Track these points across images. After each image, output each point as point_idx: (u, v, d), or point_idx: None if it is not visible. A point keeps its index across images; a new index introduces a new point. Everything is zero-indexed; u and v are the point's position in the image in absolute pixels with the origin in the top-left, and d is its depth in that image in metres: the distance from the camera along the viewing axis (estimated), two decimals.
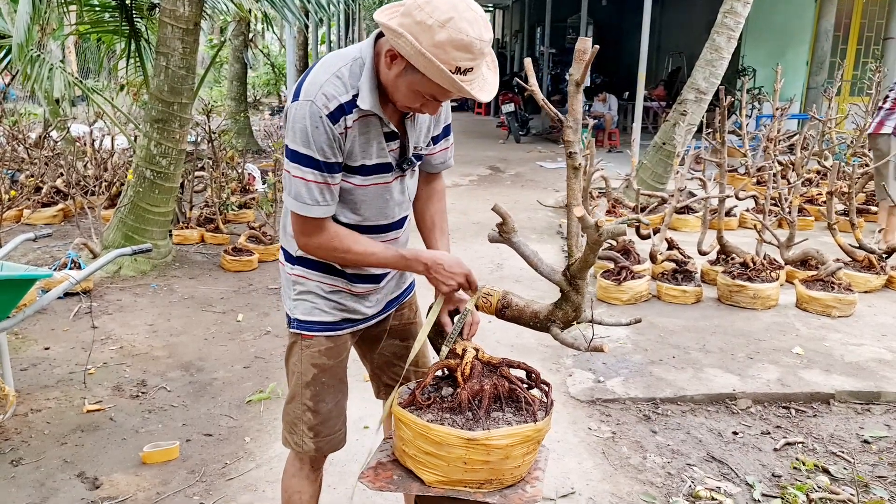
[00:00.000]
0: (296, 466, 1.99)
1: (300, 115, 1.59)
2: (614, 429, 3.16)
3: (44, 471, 2.77)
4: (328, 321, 1.87)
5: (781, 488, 2.70)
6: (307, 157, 1.61)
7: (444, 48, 1.49)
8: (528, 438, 1.72)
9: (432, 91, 1.59)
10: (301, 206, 1.66)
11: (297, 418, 1.91)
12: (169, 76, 5.00)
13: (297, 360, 1.88)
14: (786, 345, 3.96)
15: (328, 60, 1.65)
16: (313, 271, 1.84)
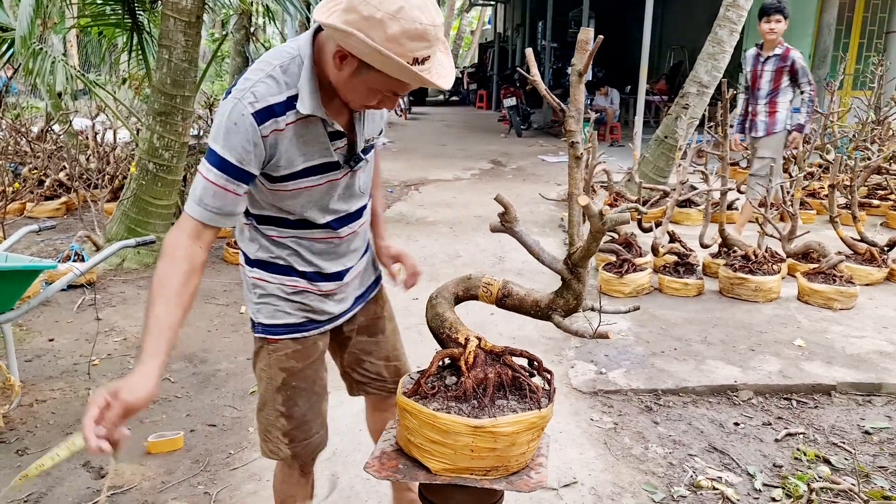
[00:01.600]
0: (284, 472, 1.95)
1: (223, 112, 1.51)
2: (616, 420, 3.18)
3: None
4: (293, 323, 1.81)
5: (782, 478, 2.72)
6: (218, 156, 1.51)
7: (398, 41, 1.40)
8: (533, 425, 1.73)
9: (391, 87, 1.51)
10: (190, 205, 1.54)
11: (270, 425, 1.85)
12: (171, 69, 5.01)
13: (264, 365, 1.82)
14: (787, 337, 3.97)
15: (265, 58, 1.56)
16: (272, 274, 1.77)
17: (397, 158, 11.15)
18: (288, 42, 1.59)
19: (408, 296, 4.78)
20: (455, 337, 1.92)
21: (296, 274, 1.78)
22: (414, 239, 6.25)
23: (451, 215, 7.26)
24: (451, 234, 6.40)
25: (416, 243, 6.11)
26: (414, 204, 7.86)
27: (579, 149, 1.77)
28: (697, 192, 6.49)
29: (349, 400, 3.28)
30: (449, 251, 5.86)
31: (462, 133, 15.07)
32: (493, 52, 21.79)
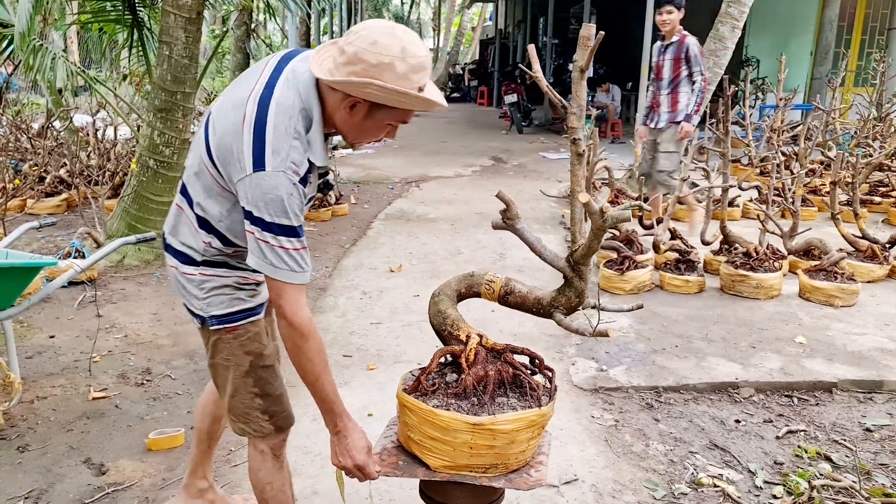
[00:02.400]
0: (258, 461, 2.00)
1: (272, 187, 1.58)
2: (617, 417, 3.18)
3: (50, 457, 2.79)
4: (249, 307, 1.88)
5: (783, 475, 2.72)
6: (289, 227, 1.62)
7: (407, 77, 1.57)
8: (533, 423, 1.73)
9: (401, 117, 1.69)
10: (296, 276, 1.66)
11: (247, 408, 1.92)
12: (172, 65, 5.00)
13: (227, 354, 1.88)
14: (788, 334, 3.97)
15: (279, 119, 1.60)
16: (222, 269, 1.84)
17: (398, 155, 11.14)
18: (286, 93, 1.63)
19: (409, 293, 4.81)
20: (456, 334, 1.92)
21: (241, 269, 1.87)
22: (415, 236, 6.25)
23: (451, 212, 7.26)
24: (451, 231, 6.40)
25: (416, 240, 6.11)
26: (415, 201, 7.85)
27: (581, 146, 1.77)
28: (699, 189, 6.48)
29: (351, 395, 3.30)
30: (450, 248, 5.86)
31: (463, 130, 15.05)
32: (494, 48, 21.75)
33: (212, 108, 1.77)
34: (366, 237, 6.29)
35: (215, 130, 1.69)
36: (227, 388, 1.92)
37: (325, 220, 6.81)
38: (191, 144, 1.89)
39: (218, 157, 1.68)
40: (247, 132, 1.60)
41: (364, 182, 8.82)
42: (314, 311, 4.44)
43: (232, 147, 1.63)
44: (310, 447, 2.88)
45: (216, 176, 1.71)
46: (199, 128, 1.79)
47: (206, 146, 1.71)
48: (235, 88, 1.73)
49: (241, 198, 1.63)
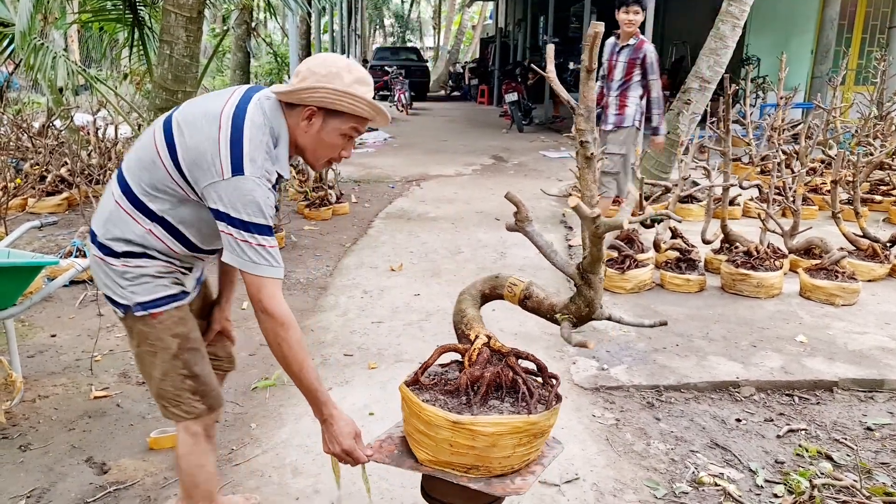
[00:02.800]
0: (189, 443, 2.06)
1: (250, 190, 1.75)
2: (618, 416, 3.18)
3: (52, 456, 2.79)
4: (172, 293, 1.97)
5: (784, 474, 2.72)
6: (265, 226, 1.79)
7: (354, 86, 1.83)
8: (518, 430, 1.71)
9: (355, 124, 1.89)
10: (275, 270, 1.82)
11: (178, 391, 2.00)
12: (173, 65, 5.01)
13: (153, 339, 1.96)
14: (789, 333, 3.97)
15: (254, 134, 1.79)
16: (143, 259, 1.92)
17: (398, 154, 11.14)
18: (257, 114, 1.83)
19: (410, 291, 4.81)
20: (468, 333, 1.93)
21: (171, 256, 1.97)
22: (415, 235, 6.25)
23: (452, 211, 7.25)
24: (452, 230, 6.40)
25: (417, 239, 6.11)
26: (415, 199, 7.85)
27: (590, 148, 1.76)
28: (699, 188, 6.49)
29: (352, 394, 3.30)
30: (450, 247, 5.86)
31: (463, 128, 15.05)
32: (494, 47, 21.75)
33: (175, 115, 1.89)
34: (366, 236, 6.29)
35: (184, 136, 1.81)
36: (155, 373, 1.99)
37: (326, 218, 6.81)
38: (137, 144, 1.96)
39: (185, 159, 1.81)
40: (223, 142, 1.76)
41: (364, 181, 8.82)
42: (315, 310, 4.45)
43: (206, 154, 1.77)
44: (311, 446, 2.88)
45: (174, 176, 1.83)
46: (154, 130, 1.90)
47: (168, 148, 1.83)
48: (203, 103, 1.89)
49: (213, 200, 1.78)
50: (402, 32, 40.89)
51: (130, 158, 1.94)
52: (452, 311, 2.00)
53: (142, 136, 1.98)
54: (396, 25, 41.58)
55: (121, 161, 2.12)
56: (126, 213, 1.90)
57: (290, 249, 5.75)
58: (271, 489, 2.62)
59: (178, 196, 1.87)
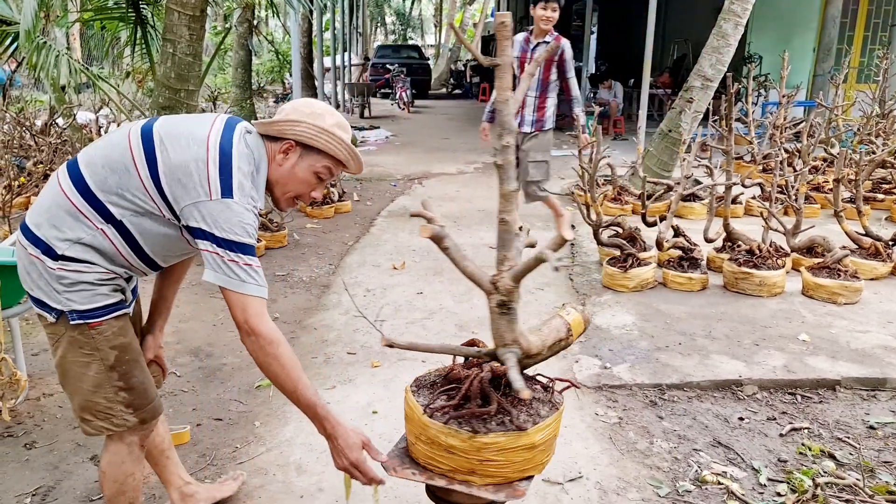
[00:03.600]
0: (122, 453, 1.99)
1: (239, 212, 1.77)
2: (621, 414, 3.19)
3: (57, 454, 2.80)
4: (112, 303, 1.88)
5: (787, 473, 2.72)
6: (251, 246, 1.79)
7: (334, 128, 1.92)
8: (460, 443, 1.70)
9: (329, 165, 1.95)
10: (261, 289, 1.81)
11: (110, 402, 1.91)
12: (176, 63, 5.01)
13: (90, 349, 1.86)
14: (792, 332, 3.97)
15: (241, 163, 1.81)
16: (83, 264, 1.82)
17: (399, 152, 11.15)
18: (242, 144, 1.84)
19: (412, 290, 4.82)
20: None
21: (115, 263, 1.89)
22: (418, 233, 6.25)
23: (454, 209, 7.26)
24: (454, 228, 6.40)
25: (419, 237, 6.11)
26: (417, 198, 7.85)
27: (504, 156, 1.75)
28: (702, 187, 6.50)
29: (356, 393, 3.31)
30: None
31: (465, 126, 15.04)
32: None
33: (156, 129, 1.84)
34: (369, 234, 6.30)
35: (167, 152, 1.79)
36: (84, 385, 1.89)
37: (329, 217, 6.82)
38: (107, 139, 1.90)
39: (166, 175, 1.78)
40: (212, 166, 1.77)
41: (366, 179, 8.82)
42: (318, 308, 4.45)
43: (192, 174, 1.76)
44: (314, 444, 2.89)
45: (148, 188, 1.80)
46: (129, 135, 1.85)
47: (148, 160, 1.79)
48: (187, 124, 1.87)
49: (195, 219, 1.76)
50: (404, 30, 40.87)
51: (94, 155, 1.85)
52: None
53: (110, 135, 1.92)
54: (398, 23, 41.55)
55: (65, 143, 2.04)
56: (76, 209, 1.80)
57: (292, 248, 5.76)
58: (276, 487, 2.63)
59: (144, 208, 1.82)
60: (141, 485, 2.08)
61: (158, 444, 2.32)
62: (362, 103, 16.26)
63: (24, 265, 1.86)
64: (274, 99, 19.84)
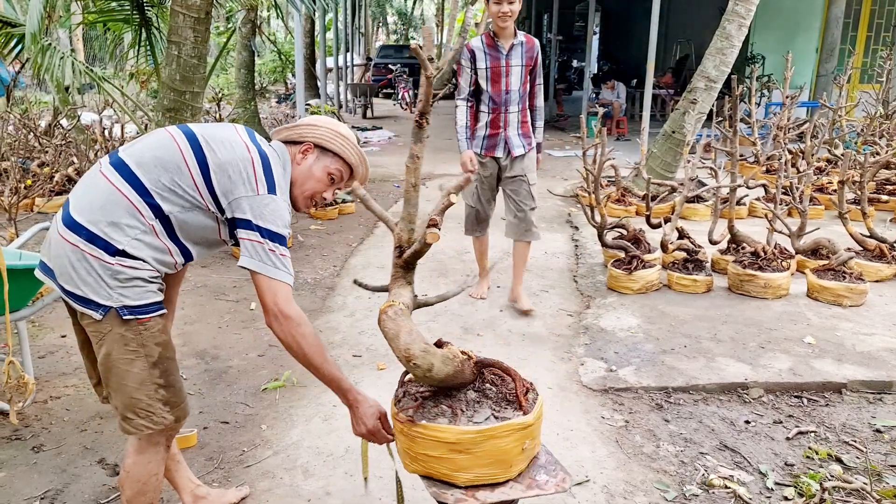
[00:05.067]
0: (149, 453, 2.05)
1: (279, 207, 1.96)
2: (627, 417, 3.19)
3: (65, 457, 2.81)
4: (158, 301, 1.97)
5: (794, 477, 2.72)
6: (285, 238, 1.97)
7: (348, 135, 2.18)
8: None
9: (341, 169, 2.16)
10: (291, 277, 1.98)
11: (151, 400, 1.97)
12: (181, 65, 5.01)
13: (136, 345, 1.93)
14: (797, 334, 3.97)
15: (276, 166, 2.01)
16: (140, 261, 1.91)
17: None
18: (272, 150, 2.06)
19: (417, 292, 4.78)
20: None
21: (160, 262, 1.98)
22: None
23: (458, 210, 7.23)
24: (458, 230, 6.35)
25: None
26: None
27: (414, 152, 2.04)
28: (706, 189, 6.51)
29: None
30: (457, 247, 5.87)
31: None
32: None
33: (198, 133, 2.00)
34: (373, 235, 6.31)
35: (215, 153, 1.95)
36: (130, 382, 1.95)
37: (333, 218, 6.82)
38: (151, 140, 2.01)
39: (217, 173, 1.94)
40: (257, 167, 1.96)
41: (369, 180, 8.79)
42: (323, 310, 4.46)
43: (241, 171, 1.94)
44: (321, 448, 2.90)
45: (199, 185, 1.94)
46: (174, 136, 1.99)
47: (198, 160, 1.94)
48: (220, 129, 2.05)
49: (242, 210, 1.92)
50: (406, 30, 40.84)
51: (143, 155, 1.95)
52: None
53: (151, 135, 2.05)
54: (400, 23, 41.54)
55: (114, 150, 2.11)
56: (133, 206, 1.89)
57: (297, 249, 5.76)
58: (283, 491, 2.64)
59: (192, 202, 1.95)
60: (161, 487, 2.12)
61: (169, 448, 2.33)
62: (365, 104, 16.26)
63: (70, 262, 1.88)
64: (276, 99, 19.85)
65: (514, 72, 4.20)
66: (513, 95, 4.23)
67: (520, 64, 4.20)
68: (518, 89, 4.24)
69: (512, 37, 4.19)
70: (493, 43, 4.20)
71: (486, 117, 4.31)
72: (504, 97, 4.23)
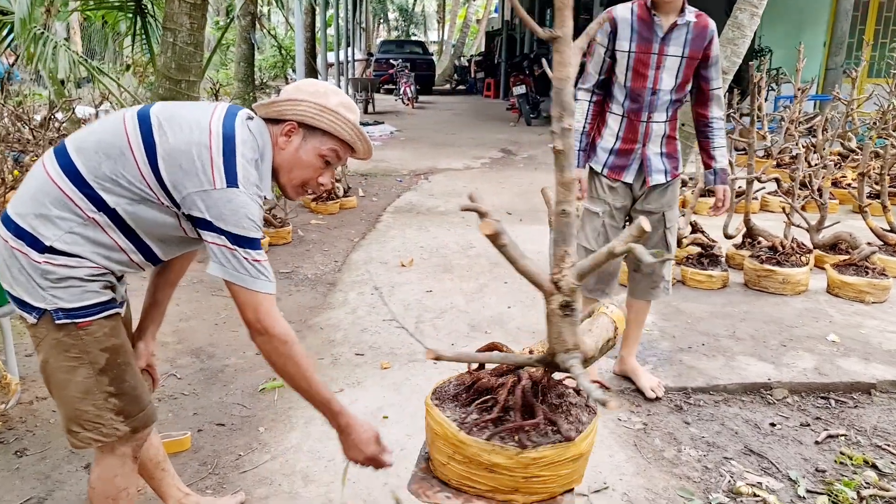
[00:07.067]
0: (114, 466, 1.82)
1: (243, 203, 1.64)
2: (645, 420, 3.01)
3: (49, 462, 2.64)
4: (103, 301, 1.71)
5: (827, 484, 2.55)
6: (257, 240, 1.68)
7: (338, 108, 1.77)
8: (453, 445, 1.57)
9: (335, 147, 1.80)
10: (270, 285, 1.71)
11: (101, 411, 1.73)
12: (176, 53, 4.84)
13: (77, 352, 1.69)
14: (820, 332, 3.80)
15: (245, 150, 1.69)
16: (74, 259, 1.66)
17: (405, 147, 10.98)
18: (245, 131, 1.73)
19: (421, 288, 4.65)
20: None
21: (98, 263, 1.71)
22: (425, 229, 6.09)
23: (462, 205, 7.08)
24: (463, 224, 6.22)
25: (427, 233, 5.95)
26: (424, 193, 7.69)
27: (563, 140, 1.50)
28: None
29: (364, 396, 3.15)
30: (462, 242, 5.69)
31: (470, 121, 14.87)
32: (500, 40, 21.57)
33: (154, 112, 1.72)
34: (375, 230, 6.13)
35: (166, 136, 1.66)
36: (72, 391, 1.72)
37: (334, 213, 6.65)
38: (100, 123, 1.76)
39: (166, 161, 1.65)
40: (215, 152, 1.64)
41: (372, 174, 8.65)
42: (324, 307, 4.29)
43: (194, 160, 1.64)
44: (322, 451, 2.73)
45: (146, 175, 1.66)
46: (125, 118, 1.71)
47: (146, 145, 1.66)
48: (186, 109, 1.75)
49: (199, 210, 1.63)
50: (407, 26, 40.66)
51: (85, 139, 1.70)
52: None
53: (103, 119, 1.78)
54: (401, 19, 41.35)
55: (63, 137, 1.85)
56: (66, 197, 1.64)
57: (296, 244, 5.59)
58: (281, 498, 2.47)
59: (139, 195, 1.67)
60: (135, 501, 1.90)
61: (153, 457, 2.16)
62: (366, 98, 16.09)
63: (3, 259, 1.68)
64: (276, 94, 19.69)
65: (670, 64, 2.88)
66: (661, 97, 2.91)
67: (680, 54, 2.87)
68: (672, 90, 2.91)
69: (677, 12, 2.85)
70: (647, 16, 2.86)
71: (619, 123, 3.00)
72: (648, 98, 2.91)
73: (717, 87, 3.02)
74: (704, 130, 3.09)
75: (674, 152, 3.06)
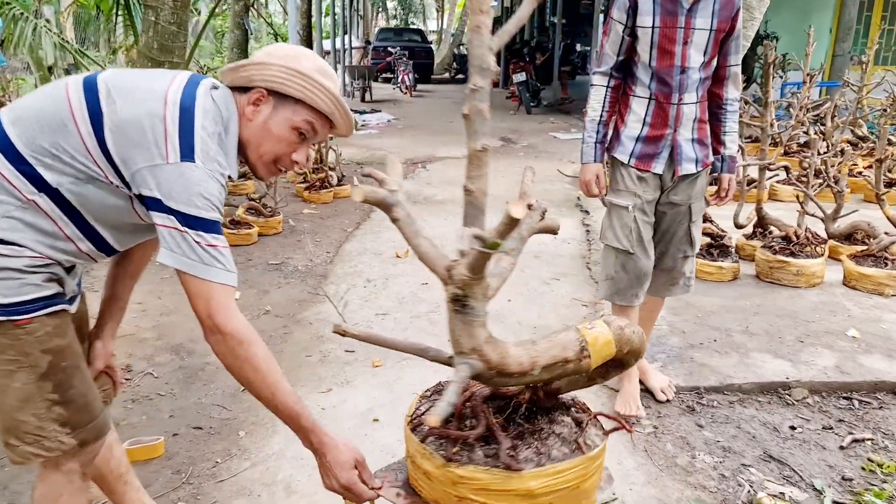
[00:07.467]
0: (59, 484, 1.60)
1: (199, 179, 1.43)
2: (656, 423, 2.80)
3: (8, 471, 2.42)
4: (46, 295, 1.50)
5: (855, 495, 2.34)
6: (216, 223, 1.47)
7: (313, 73, 1.55)
8: None
9: (310, 118, 1.58)
10: (229, 276, 1.48)
11: (41, 421, 1.51)
12: (158, 32, 4.60)
13: (14, 354, 1.47)
14: (838, 326, 3.58)
15: (206, 122, 1.47)
16: (11, 246, 1.45)
17: (403, 135, 10.75)
18: (208, 101, 1.51)
19: (417, 280, 4.42)
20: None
21: (40, 254, 1.49)
22: (423, 219, 5.87)
23: (460, 194, 6.85)
24: (461, 214, 6.00)
25: (425, 223, 5.73)
26: (422, 182, 7.46)
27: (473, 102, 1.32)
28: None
29: (354, 396, 2.93)
30: (460, 232, 5.46)
31: None
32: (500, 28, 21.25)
33: (102, 78, 1.50)
34: (370, 220, 5.91)
35: (115, 106, 1.45)
36: (8, 399, 1.50)
37: (327, 202, 6.43)
38: (36, 94, 1.53)
39: (114, 133, 1.44)
40: (171, 123, 1.44)
41: (367, 162, 8.43)
42: (314, 300, 4.07)
43: (146, 131, 1.43)
44: (306, 459, 2.49)
45: (91, 149, 1.45)
46: (68, 86, 1.49)
47: (91, 115, 1.45)
48: (142, 77, 1.55)
49: (148, 187, 1.42)
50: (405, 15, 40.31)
51: (22, 109, 1.49)
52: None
53: (44, 87, 1.56)
54: (399, 8, 40.97)
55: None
56: (0, 176, 1.44)
57: (287, 234, 5.37)
58: None
59: (85, 172, 1.46)
60: None
61: (114, 468, 1.94)
62: (363, 87, 15.85)
63: None
64: None
65: (698, 38, 2.55)
66: (691, 76, 2.59)
67: (708, 27, 2.55)
68: (700, 67, 2.59)
69: None
70: None
71: (646, 107, 2.66)
72: (678, 78, 2.59)
73: (735, 62, 2.69)
74: (717, 113, 2.76)
75: (705, 138, 2.73)
